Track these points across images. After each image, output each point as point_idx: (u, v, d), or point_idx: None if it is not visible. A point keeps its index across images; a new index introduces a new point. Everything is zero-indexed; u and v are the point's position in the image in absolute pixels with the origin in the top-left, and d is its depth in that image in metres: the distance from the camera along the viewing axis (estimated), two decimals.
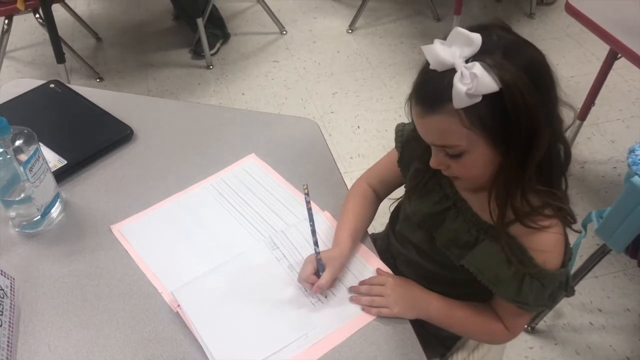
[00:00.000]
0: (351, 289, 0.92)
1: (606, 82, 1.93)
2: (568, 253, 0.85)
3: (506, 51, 0.72)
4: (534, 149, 0.75)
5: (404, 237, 1.01)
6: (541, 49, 0.77)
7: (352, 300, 0.90)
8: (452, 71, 0.71)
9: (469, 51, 0.71)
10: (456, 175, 0.84)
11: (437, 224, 0.92)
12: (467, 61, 0.71)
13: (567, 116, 0.80)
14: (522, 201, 0.80)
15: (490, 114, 0.72)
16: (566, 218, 0.84)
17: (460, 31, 0.72)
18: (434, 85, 0.74)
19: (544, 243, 0.82)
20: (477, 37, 0.71)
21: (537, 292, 0.83)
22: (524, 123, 0.72)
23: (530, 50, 0.76)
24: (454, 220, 0.90)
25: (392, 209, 1.09)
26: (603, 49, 1.85)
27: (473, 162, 0.78)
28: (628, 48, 1.56)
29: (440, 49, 0.72)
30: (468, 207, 0.89)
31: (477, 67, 0.69)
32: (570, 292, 0.86)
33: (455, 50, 0.71)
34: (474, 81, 0.69)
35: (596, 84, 1.94)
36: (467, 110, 0.71)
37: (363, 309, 0.89)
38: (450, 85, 0.70)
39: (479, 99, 0.70)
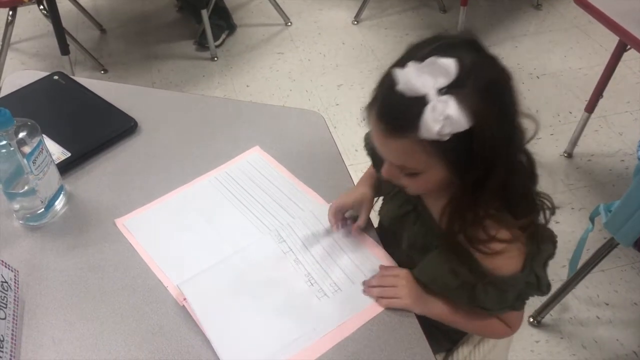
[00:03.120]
0: (364, 283, 0.91)
1: (614, 74, 1.91)
2: (532, 255, 0.83)
3: (476, 78, 0.70)
4: (491, 179, 0.74)
5: (389, 240, 1.01)
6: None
7: (364, 292, 0.90)
8: (423, 99, 0.69)
9: (443, 82, 0.68)
10: (405, 186, 0.83)
11: (401, 227, 0.93)
12: (439, 91, 0.68)
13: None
14: (476, 227, 0.80)
15: (454, 146, 0.71)
16: (535, 228, 0.83)
17: (436, 62, 0.68)
18: (403, 109, 0.72)
19: (496, 248, 0.80)
20: (452, 68, 0.68)
21: (496, 296, 0.83)
22: (486, 156, 0.72)
23: (496, 70, 0.74)
24: (413, 224, 0.91)
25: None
26: (611, 41, 1.83)
27: (426, 181, 0.78)
28: (637, 39, 1.53)
29: (414, 76, 0.69)
30: (428, 213, 0.89)
31: (451, 106, 0.67)
32: (544, 291, 0.85)
33: (429, 80, 0.68)
34: (447, 121, 0.67)
35: (604, 76, 1.92)
36: (432, 140, 0.70)
37: (374, 300, 0.89)
38: (419, 114, 0.68)
39: (448, 137, 0.69)
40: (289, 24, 2.88)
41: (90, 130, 1.18)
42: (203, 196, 1.06)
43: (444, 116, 0.67)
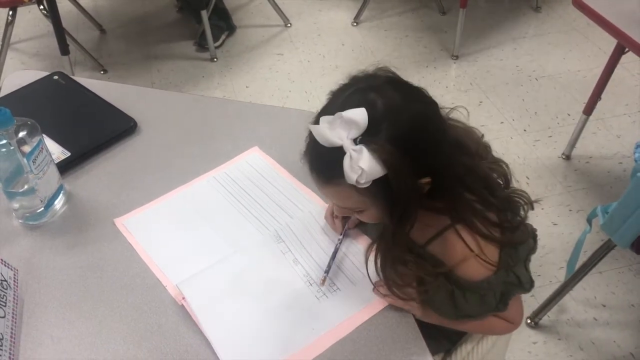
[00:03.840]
0: (375, 283, 0.91)
1: (613, 77, 1.91)
2: (508, 255, 0.84)
3: (390, 124, 0.72)
4: (411, 218, 0.77)
5: None
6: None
7: (373, 290, 0.90)
8: (342, 148, 0.71)
9: (356, 133, 0.71)
10: (359, 218, 0.87)
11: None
12: (355, 140, 0.71)
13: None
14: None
15: (377, 190, 0.74)
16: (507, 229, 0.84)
17: (344, 117, 0.71)
18: (327, 160, 0.75)
19: (462, 256, 0.82)
20: (362, 120, 0.70)
21: (476, 301, 0.84)
22: (405, 198, 0.74)
23: (415, 108, 0.75)
24: None
25: None
26: (610, 43, 1.84)
27: (372, 215, 0.82)
28: (635, 42, 1.54)
29: (328, 131, 0.72)
30: None
31: (364, 157, 0.69)
32: (527, 288, 0.86)
33: (342, 132, 0.71)
34: (363, 174, 0.70)
35: (602, 78, 1.93)
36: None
37: (373, 300, 0.89)
38: (342, 163, 0.72)
39: (369, 184, 0.72)
40: (289, 25, 2.88)
41: (90, 130, 1.19)
42: (202, 196, 1.06)
43: (359, 166, 0.70)
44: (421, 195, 0.77)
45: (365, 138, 0.71)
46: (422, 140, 0.75)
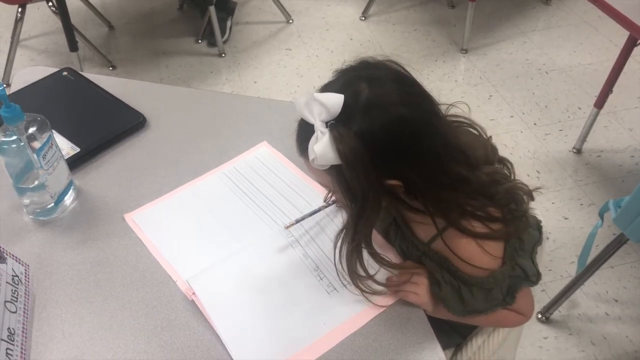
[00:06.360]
0: (387, 279, 0.90)
1: (624, 70, 1.89)
2: (513, 249, 0.83)
3: (365, 119, 0.71)
4: (368, 212, 0.77)
5: None
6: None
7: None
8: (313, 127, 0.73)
9: (326, 116, 0.71)
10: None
11: (389, 240, 0.94)
12: (325, 123, 0.72)
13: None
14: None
15: (337, 176, 0.74)
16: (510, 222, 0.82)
17: (316, 98, 0.71)
18: (303, 135, 0.76)
19: (465, 253, 0.81)
20: (334, 106, 0.70)
21: (483, 296, 0.83)
22: (363, 193, 0.74)
23: (400, 111, 0.73)
24: (395, 238, 0.92)
25: None
26: (621, 36, 1.82)
27: (340, 198, 0.81)
28: None
29: (304, 107, 0.73)
30: (406, 224, 0.89)
31: (320, 143, 0.70)
32: (534, 281, 0.85)
33: (315, 112, 0.72)
34: (315, 159, 0.71)
35: (614, 72, 1.91)
36: None
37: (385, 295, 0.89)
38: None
39: (324, 168, 0.73)
40: (290, 21, 2.87)
41: (99, 125, 1.19)
42: (211, 191, 1.06)
43: (313, 149, 0.71)
44: (393, 194, 0.77)
45: (336, 124, 0.71)
46: (394, 144, 0.73)
